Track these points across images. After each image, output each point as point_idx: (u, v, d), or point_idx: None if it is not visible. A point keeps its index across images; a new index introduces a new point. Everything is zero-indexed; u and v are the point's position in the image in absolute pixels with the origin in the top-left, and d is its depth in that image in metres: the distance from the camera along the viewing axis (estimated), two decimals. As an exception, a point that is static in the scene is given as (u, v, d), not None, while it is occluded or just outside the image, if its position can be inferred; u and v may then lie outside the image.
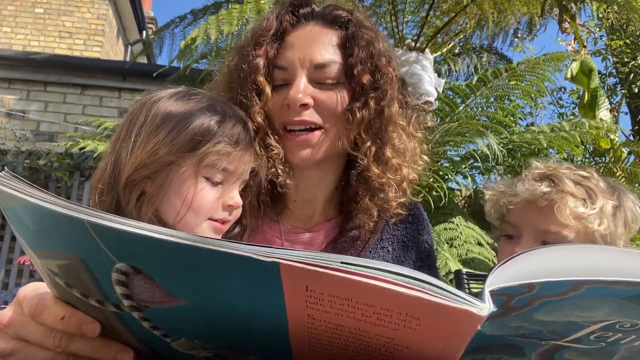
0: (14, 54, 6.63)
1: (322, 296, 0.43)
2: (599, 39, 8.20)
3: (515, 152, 3.54)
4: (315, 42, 0.93)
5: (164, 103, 0.84)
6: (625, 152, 3.88)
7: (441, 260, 2.58)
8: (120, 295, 0.47)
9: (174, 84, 0.91)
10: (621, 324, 0.47)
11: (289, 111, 0.91)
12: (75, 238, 0.46)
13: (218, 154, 0.81)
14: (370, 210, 0.98)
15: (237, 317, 0.48)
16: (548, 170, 1.00)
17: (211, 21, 2.98)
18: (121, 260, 0.45)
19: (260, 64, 0.91)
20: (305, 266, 0.40)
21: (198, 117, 0.82)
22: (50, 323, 0.54)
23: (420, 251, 1.10)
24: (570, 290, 0.43)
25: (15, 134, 5.76)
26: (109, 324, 0.53)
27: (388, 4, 3.58)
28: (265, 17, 0.97)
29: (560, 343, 0.49)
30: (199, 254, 0.42)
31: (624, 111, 8.09)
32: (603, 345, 0.49)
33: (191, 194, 0.81)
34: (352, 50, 0.92)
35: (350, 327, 0.46)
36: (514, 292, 0.43)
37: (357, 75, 0.92)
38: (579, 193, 0.94)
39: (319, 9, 0.97)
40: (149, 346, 0.56)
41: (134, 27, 9.95)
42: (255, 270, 0.42)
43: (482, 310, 0.41)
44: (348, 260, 0.41)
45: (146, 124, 0.81)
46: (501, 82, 3.19)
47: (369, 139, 0.94)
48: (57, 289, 0.54)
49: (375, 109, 0.93)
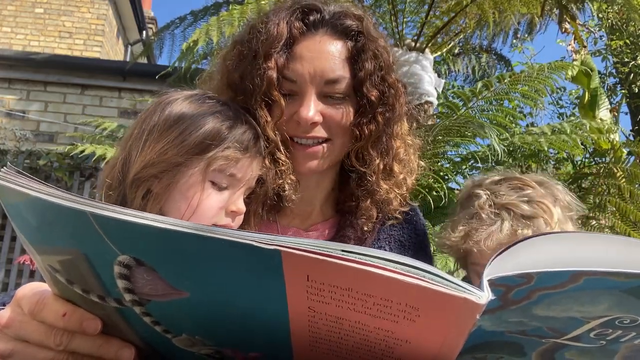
0: (14, 54, 6.63)
1: (322, 286, 0.43)
2: (599, 39, 8.21)
3: (515, 153, 3.54)
4: (325, 56, 0.90)
5: (178, 104, 0.85)
6: (625, 152, 3.88)
7: (441, 260, 2.58)
8: (122, 289, 0.48)
9: (174, 84, 0.90)
10: (620, 319, 0.47)
11: (298, 127, 0.91)
12: (78, 231, 0.46)
13: (227, 159, 0.82)
14: (371, 213, 1.00)
15: (239, 311, 0.48)
16: (498, 203, 0.99)
17: (212, 22, 2.98)
18: (124, 252, 0.45)
19: (273, 77, 0.89)
20: (307, 254, 0.41)
21: (210, 120, 0.82)
22: (51, 321, 0.54)
23: (417, 251, 1.10)
24: (569, 282, 0.43)
25: (15, 134, 5.77)
26: (109, 320, 0.53)
27: (388, 4, 3.58)
28: (273, 22, 0.92)
29: (560, 341, 0.49)
30: (202, 243, 0.42)
31: (624, 111, 8.10)
32: (603, 343, 0.49)
33: (197, 197, 0.81)
34: (361, 65, 0.91)
35: (350, 320, 0.46)
36: (513, 283, 0.43)
37: (366, 90, 0.91)
38: (538, 214, 0.96)
39: (328, 17, 0.93)
40: (150, 344, 0.57)
41: (134, 27, 9.95)
42: (256, 258, 0.42)
43: (481, 299, 0.41)
44: (349, 249, 0.41)
45: (158, 124, 0.82)
46: (503, 86, 3.19)
47: (377, 156, 0.96)
48: (57, 286, 0.54)
49: (384, 125, 0.94)
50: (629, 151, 3.81)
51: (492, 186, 1.04)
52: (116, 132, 3.81)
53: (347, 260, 0.41)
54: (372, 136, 0.93)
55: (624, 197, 3.07)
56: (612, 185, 3.15)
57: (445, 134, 2.83)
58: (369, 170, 0.96)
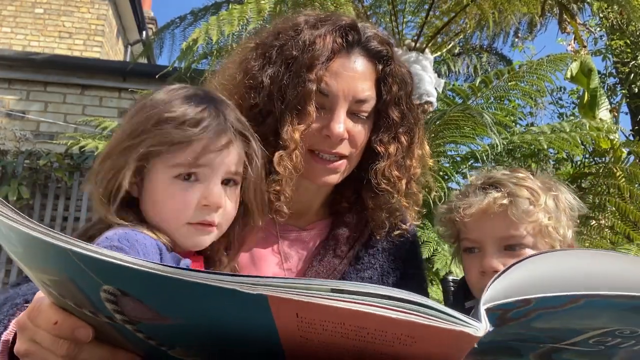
0: (14, 54, 6.63)
1: (313, 322, 0.43)
2: (599, 39, 8.20)
3: (515, 153, 3.54)
4: (358, 76, 0.95)
5: (150, 97, 0.81)
6: (625, 152, 3.87)
7: (442, 260, 2.58)
8: (112, 310, 0.48)
9: (173, 84, 0.88)
10: (621, 330, 0.46)
11: (325, 141, 0.94)
12: (61, 262, 0.46)
13: (162, 140, 0.72)
14: (385, 223, 1.05)
15: (230, 334, 0.48)
16: (488, 180, 1.03)
17: (212, 22, 2.98)
18: (107, 283, 0.45)
19: (313, 90, 0.91)
20: (294, 297, 0.40)
21: (162, 104, 0.76)
22: (44, 327, 0.55)
23: (408, 259, 1.11)
24: (568, 304, 0.43)
25: (15, 134, 5.76)
26: (104, 329, 0.54)
27: (388, 4, 3.57)
28: (319, 35, 0.93)
29: (558, 346, 0.49)
30: (183, 284, 0.41)
31: (624, 111, 8.09)
32: (602, 348, 0.49)
33: (158, 193, 0.75)
34: (389, 88, 0.98)
35: (344, 346, 0.46)
36: (510, 307, 0.43)
37: (391, 112, 0.98)
38: (523, 193, 0.98)
39: (364, 39, 0.97)
40: (145, 351, 0.57)
41: (134, 28, 9.94)
42: (242, 299, 0.42)
43: (479, 331, 0.41)
44: (338, 287, 0.40)
45: (128, 114, 0.81)
46: (502, 83, 3.19)
47: (403, 177, 1.00)
48: (51, 297, 0.55)
49: (407, 145, 1.00)
50: (628, 151, 3.81)
51: (491, 172, 1.08)
52: (116, 131, 3.81)
53: (337, 301, 0.40)
54: (396, 155, 0.99)
55: (624, 197, 3.06)
56: (612, 185, 3.15)
57: (443, 129, 2.83)
58: (395, 191, 1.00)
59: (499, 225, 0.97)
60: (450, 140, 3.14)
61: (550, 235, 0.98)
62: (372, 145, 0.99)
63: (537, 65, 3.18)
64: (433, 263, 2.60)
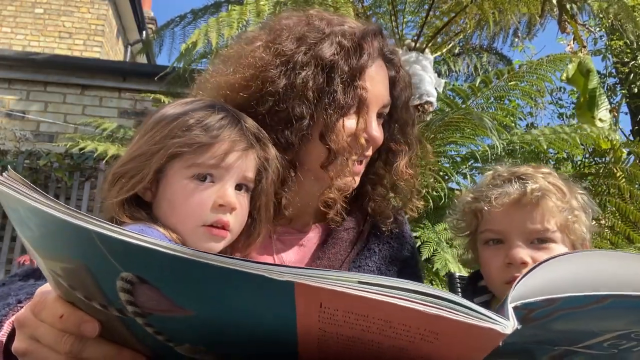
0: (14, 54, 6.63)
1: (336, 312, 0.43)
2: (598, 39, 8.20)
3: (515, 154, 3.53)
4: (384, 81, 0.99)
5: (169, 107, 0.84)
6: (625, 152, 3.87)
7: (441, 261, 2.58)
8: (125, 301, 0.47)
9: (173, 84, 0.90)
10: (637, 333, 0.46)
11: (359, 144, 0.94)
12: (81, 246, 0.45)
13: (189, 144, 0.76)
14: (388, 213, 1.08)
15: (245, 327, 0.48)
16: (514, 173, 1.01)
17: (211, 24, 2.98)
18: (127, 269, 0.44)
19: (365, 96, 0.93)
20: (325, 286, 0.40)
21: (183, 113, 0.80)
22: (50, 322, 0.54)
23: (405, 252, 1.12)
24: (594, 303, 0.43)
25: (15, 134, 5.76)
26: (111, 325, 0.53)
27: (388, 4, 3.58)
28: (365, 41, 0.95)
29: (571, 349, 0.49)
30: (208, 269, 0.41)
31: (624, 111, 8.09)
32: (615, 352, 0.49)
33: (174, 193, 0.78)
34: (399, 93, 1.03)
35: (363, 340, 0.45)
36: (535, 306, 0.43)
37: (400, 115, 1.04)
38: (553, 188, 0.98)
39: (384, 45, 1.00)
40: (151, 349, 0.56)
41: (134, 28, 9.95)
42: (266, 287, 0.41)
43: (507, 328, 0.40)
44: (365, 279, 0.40)
45: (146, 124, 0.83)
46: (502, 82, 3.19)
47: (416, 175, 1.06)
48: (60, 289, 0.53)
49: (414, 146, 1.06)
50: (628, 151, 3.81)
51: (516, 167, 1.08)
52: (116, 132, 3.82)
53: (365, 292, 0.40)
54: (408, 155, 1.04)
55: (624, 198, 3.07)
56: (612, 185, 3.15)
57: (444, 130, 2.83)
58: (409, 185, 1.05)
59: (528, 217, 0.95)
60: (451, 140, 3.14)
61: (576, 232, 0.97)
62: (388, 145, 1.03)
63: (537, 65, 3.19)
64: (433, 263, 2.60)
